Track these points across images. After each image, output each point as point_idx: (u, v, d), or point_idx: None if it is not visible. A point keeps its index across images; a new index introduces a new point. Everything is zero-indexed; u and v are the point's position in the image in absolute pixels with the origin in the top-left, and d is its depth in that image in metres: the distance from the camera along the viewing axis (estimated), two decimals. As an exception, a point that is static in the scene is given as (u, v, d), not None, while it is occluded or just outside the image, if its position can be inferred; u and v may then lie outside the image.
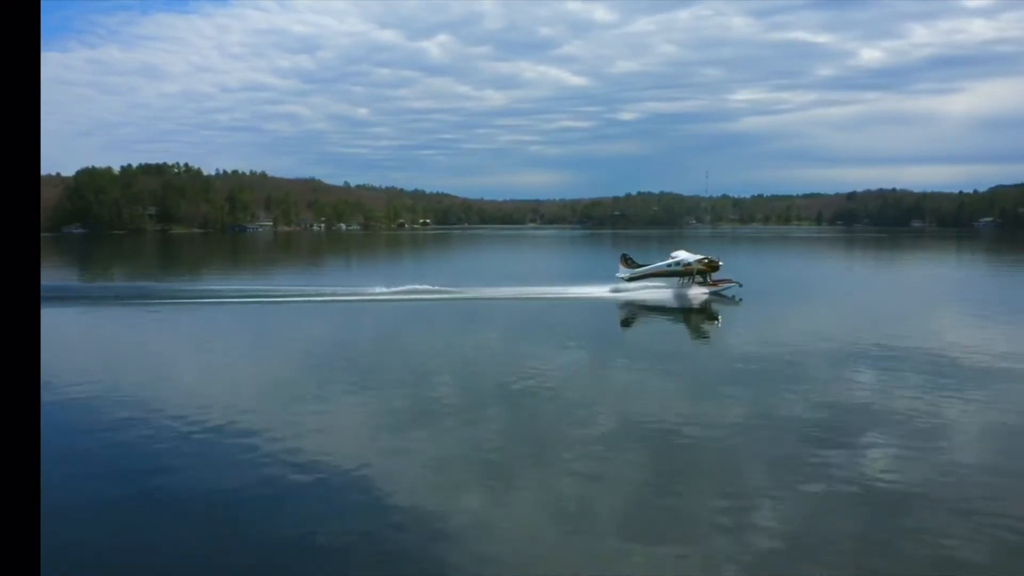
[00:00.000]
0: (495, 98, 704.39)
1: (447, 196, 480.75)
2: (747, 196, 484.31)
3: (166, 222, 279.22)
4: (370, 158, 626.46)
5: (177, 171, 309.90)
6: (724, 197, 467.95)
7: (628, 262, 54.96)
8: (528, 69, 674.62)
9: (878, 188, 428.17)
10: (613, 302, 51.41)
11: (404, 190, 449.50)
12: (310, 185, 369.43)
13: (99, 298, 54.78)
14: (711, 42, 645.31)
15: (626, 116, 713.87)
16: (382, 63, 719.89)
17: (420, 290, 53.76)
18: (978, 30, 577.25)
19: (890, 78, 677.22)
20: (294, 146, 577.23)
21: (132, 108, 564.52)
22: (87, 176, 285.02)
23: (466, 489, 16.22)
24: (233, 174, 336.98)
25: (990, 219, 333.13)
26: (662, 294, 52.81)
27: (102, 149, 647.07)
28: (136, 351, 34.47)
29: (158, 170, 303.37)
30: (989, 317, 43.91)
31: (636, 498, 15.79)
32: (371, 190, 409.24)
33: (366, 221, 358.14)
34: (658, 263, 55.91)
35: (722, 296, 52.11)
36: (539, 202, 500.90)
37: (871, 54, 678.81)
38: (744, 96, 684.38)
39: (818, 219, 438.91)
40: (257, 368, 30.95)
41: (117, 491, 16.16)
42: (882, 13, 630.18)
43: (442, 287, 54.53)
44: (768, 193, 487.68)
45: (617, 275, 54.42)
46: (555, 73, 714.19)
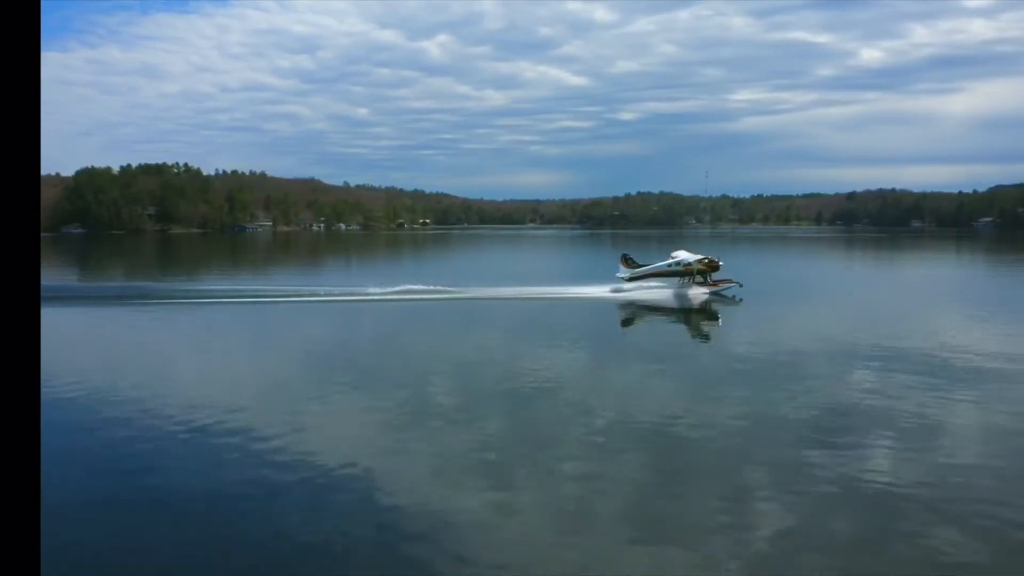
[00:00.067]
0: (495, 98, 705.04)
1: (447, 196, 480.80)
2: (747, 196, 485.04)
3: (165, 222, 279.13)
4: (370, 158, 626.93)
5: (176, 171, 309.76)
6: (724, 197, 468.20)
7: (628, 262, 54.99)
8: (528, 69, 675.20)
9: (878, 188, 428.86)
10: (613, 302, 51.40)
11: (404, 190, 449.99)
12: (310, 185, 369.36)
13: (98, 298, 54.72)
14: (711, 42, 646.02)
15: (626, 116, 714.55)
16: (382, 63, 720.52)
17: (415, 290, 53.59)
18: (978, 30, 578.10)
19: (890, 78, 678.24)
20: (294, 146, 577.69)
21: (132, 108, 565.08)
22: (86, 176, 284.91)
23: (466, 489, 16.22)
24: (233, 174, 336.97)
25: (989, 219, 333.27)
26: (662, 294, 52.80)
27: (102, 149, 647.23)
28: (135, 351, 34.45)
29: (157, 170, 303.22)
30: (988, 317, 43.94)
31: (636, 498, 15.78)
32: (371, 190, 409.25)
33: (365, 221, 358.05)
34: (658, 263, 55.89)
35: (722, 296, 52.12)
36: (539, 202, 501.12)
37: (871, 54, 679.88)
38: (744, 96, 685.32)
39: (818, 219, 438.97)
40: (256, 368, 30.95)
41: (117, 491, 16.15)
42: (882, 13, 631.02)
43: (435, 287, 54.37)
44: (768, 193, 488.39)
45: (617, 275, 54.42)
46: (555, 73, 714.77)
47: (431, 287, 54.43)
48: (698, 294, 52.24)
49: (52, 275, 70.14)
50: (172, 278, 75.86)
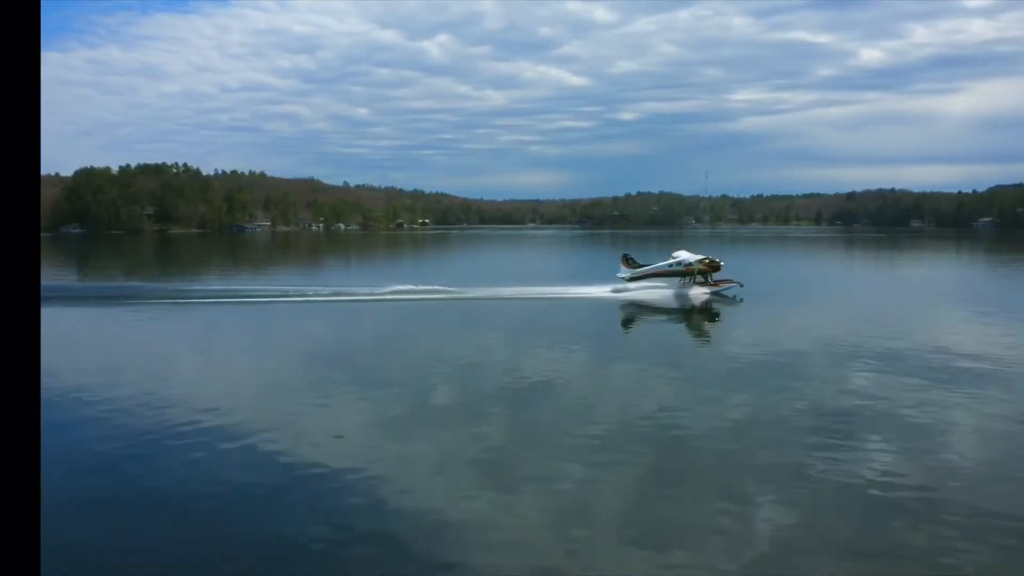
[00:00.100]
0: (495, 98, 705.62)
1: (446, 196, 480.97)
2: (747, 196, 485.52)
3: (164, 222, 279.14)
4: (370, 158, 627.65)
5: (176, 171, 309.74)
6: (724, 197, 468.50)
7: (629, 262, 55.02)
8: (528, 69, 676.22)
9: (877, 188, 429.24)
10: (614, 302, 51.38)
11: (403, 190, 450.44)
12: (309, 185, 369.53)
13: (97, 298, 54.70)
14: (711, 42, 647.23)
15: (626, 116, 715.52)
16: (382, 63, 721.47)
17: (415, 290, 53.53)
18: (978, 30, 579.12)
19: (890, 78, 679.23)
20: (294, 146, 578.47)
21: (132, 108, 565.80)
22: (85, 176, 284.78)
23: (465, 490, 16.20)
24: (232, 174, 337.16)
25: (989, 219, 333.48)
26: (663, 294, 52.82)
27: (102, 149, 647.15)
28: (134, 351, 34.42)
29: (157, 170, 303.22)
30: (988, 317, 43.94)
31: (636, 499, 15.78)
32: (370, 190, 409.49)
33: (365, 221, 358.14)
34: (659, 263, 55.89)
35: (723, 296, 52.15)
36: (539, 202, 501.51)
37: (871, 54, 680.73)
38: (744, 96, 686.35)
39: (817, 219, 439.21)
40: (256, 368, 30.94)
41: (117, 491, 16.15)
42: (882, 13, 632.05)
43: (435, 287, 54.32)
44: (768, 193, 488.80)
45: (618, 275, 54.45)
46: (555, 73, 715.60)
47: (431, 287, 54.37)
48: (699, 294, 52.25)
49: (51, 275, 70.13)
50: (171, 278, 75.80)
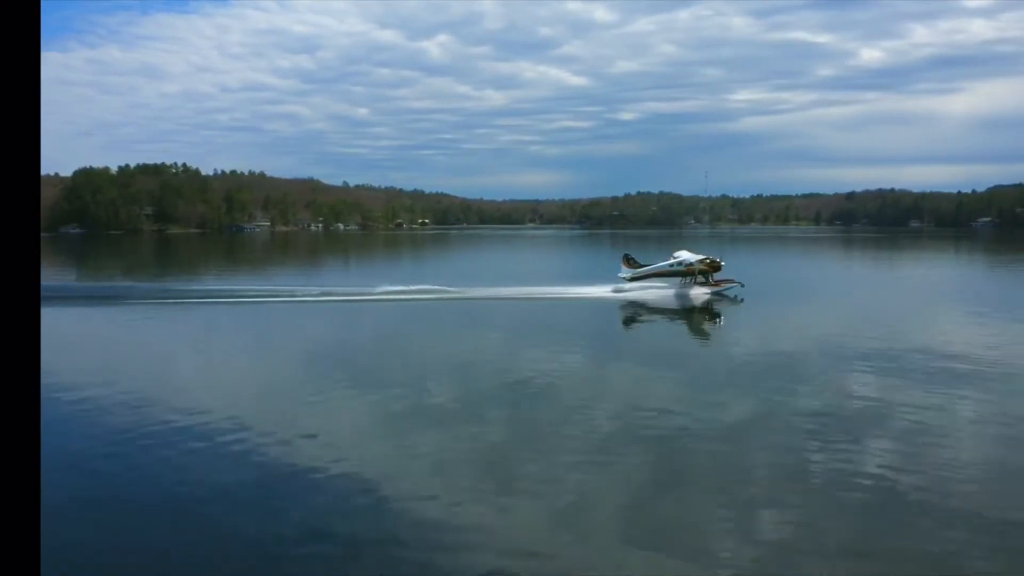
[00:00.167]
0: (495, 98, 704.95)
1: (446, 196, 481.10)
2: (746, 196, 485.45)
3: (163, 222, 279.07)
4: (370, 158, 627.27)
5: (175, 171, 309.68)
6: (723, 197, 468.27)
7: (630, 262, 55.05)
8: (528, 69, 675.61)
9: (877, 188, 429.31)
10: (615, 302, 51.40)
11: (403, 190, 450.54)
12: (309, 185, 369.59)
13: (97, 298, 54.65)
14: (711, 42, 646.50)
15: (626, 116, 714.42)
16: (382, 63, 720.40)
17: (415, 290, 53.45)
18: (978, 30, 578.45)
19: (890, 78, 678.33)
20: (294, 146, 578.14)
21: (132, 108, 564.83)
22: (84, 176, 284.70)
23: (465, 490, 16.19)
24: (231, 174, 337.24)
25: (988, 219, 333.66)
26: (664, 294, 52.84)
27: (102, 149, 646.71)
28: (134, 351, 34.40)
29: (156, 170, 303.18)
30: (987, 317, 43.98)
31: (636, 499, 15.78)
32: (370, 190, 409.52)
33: (364, 221, 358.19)
34: (660, 263, 55.87)
35: (724, 296, 52.19)
36: (538, 202, 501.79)
37: (871, 54, 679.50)
38: (744, 96, 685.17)
39: (816, 219, 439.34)
40: (256, 368, 30.94)
41: (117, 491, 16.13)
42: (882, 13, 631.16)
43: (435, 286, 54.29)
44: (767, 193, 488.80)
45: (619, 275, 54.50)
46: (555, 73, 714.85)
47: (431, 287, 54.34)
48: (700, 294, 52.28)
49: (50, 275, 70.10)
50: (169, 278, 75.77)
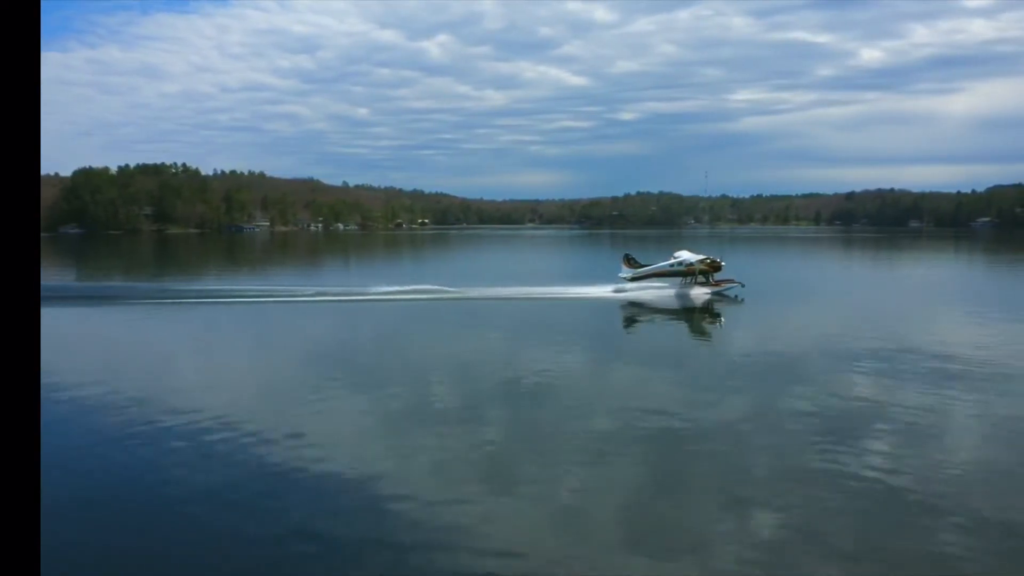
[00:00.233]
0: (495, 98, 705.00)
1: (446, 196, 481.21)
2: (746, 196, 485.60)
3: (162, 222, 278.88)
4: (370, 158, 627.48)
5: (174, 171, 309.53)
6: (723, 197, 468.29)
7: (631, 262, 55.09)
8: (528, 69, 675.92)
9: (877, 188, 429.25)
10: (615, 302, 51.42)
11: (403, 190, 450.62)
12: (308, 185, 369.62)
13: (96, 298, 54.63)
14: (711, 42, 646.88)
15: (626, 116, 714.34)
16: (382, 63, 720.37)
17: (414, 290, 53.43)
18: (978, 30, 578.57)
19: (890, 78, 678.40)
20: (294, 146, 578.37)
21: (132, 108, 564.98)
22: (83, 176, 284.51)
23: (465, 490, 16.19)
24: (231, 174, 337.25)
25: (987, 219, 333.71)
26: (664, 294, 52.87)
27: (102, 149, 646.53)
28: (134, 351, 34.39)
29: (155, 170, 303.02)
30: (986, 317, 44.01)
31: (636, 500, 15.78)
32: (370, 190, 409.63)
33: (363, 221, 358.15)
34: (660, 263, 55.90)
35: (724, 296, 52.21)
36: (538, 202, 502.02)
37: (871, 54, 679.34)
38: (744, 96, 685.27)
39: (816, 219, 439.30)
40: (256, 368, 30.93)
41: (116, 491, 16.14)
42: (882, 13, 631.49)
43: (435, 286, 54.30)
44: (767, 193, 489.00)
45: (620, 275, 54.53)
46: (555, 73, 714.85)
47: (431, 287, 54.30)
48: (700, 294, 52.32)
49: (50, 275, 70.06)
50: (169, 278, 75.75)
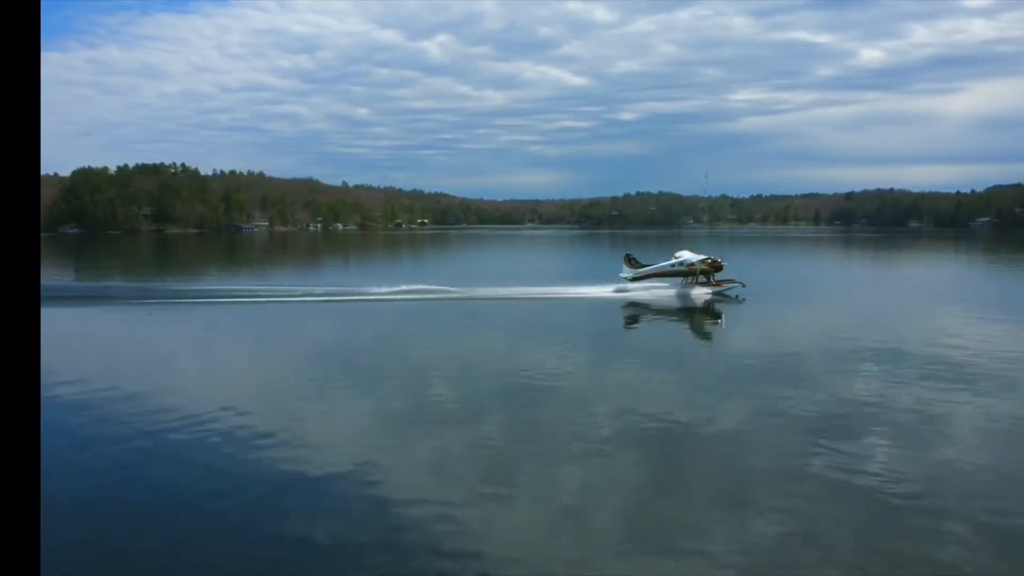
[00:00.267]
0: (495, 98, 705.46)
1: (445, 196, 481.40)
2: (746, 196, 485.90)
3: (161, 222, 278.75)
4: (370, 158, 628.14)
5: (173, 171, 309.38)
6: (723, 197, 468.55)
7: (632, 262, 55.08)
8: (528, 69, 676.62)
9: (876, 188, 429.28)
10: (616, 302, 51.41)
11: (403, 190, 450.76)
12: (308, 185, 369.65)
13: (95, 298, 54.60)
14: (711, 42, 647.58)
15: (626, 116, 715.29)
16: (382, 63, 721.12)
17: (415, 290, 53.39)
18: (978, 30, 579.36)
19: (890, 78, 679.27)
20: (294, 146, 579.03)
21: (132, 108, 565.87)
22: (82, 176, 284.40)
23: (465, 490, 16.18)
24: (230, 174, 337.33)
25: (987, 219, 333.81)
26: (665, 294, 52.89)
27: (102, 149, 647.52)
28: (133, 351, 34.37)
29: (154, 170, 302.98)
30: (985, 318, 44.04)
31: (636, 500, 15.79)
32: (369, 190, 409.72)
33: (363, 221, 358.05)
34: (661, 263, 55.89)
35: (725, 296, 52.24)
36: (538, 202, 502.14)
37: (871, 54, 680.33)
38: (744, 96, 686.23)
39: (816, 219, 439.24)
40: (256, 367, 30.92)
41: (116, 491, 16.13)
42: (882, 13, 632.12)
43: (436, 286, 54.29)
44: (767, 193, 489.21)
45: (620, 275, 54.54)
46: (555, 73, 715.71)
47: (431, 287, 54.21)
48: (701, 294, 52.32)
49: (49, 275, 70.03)
50: (168, 278, 75.73)
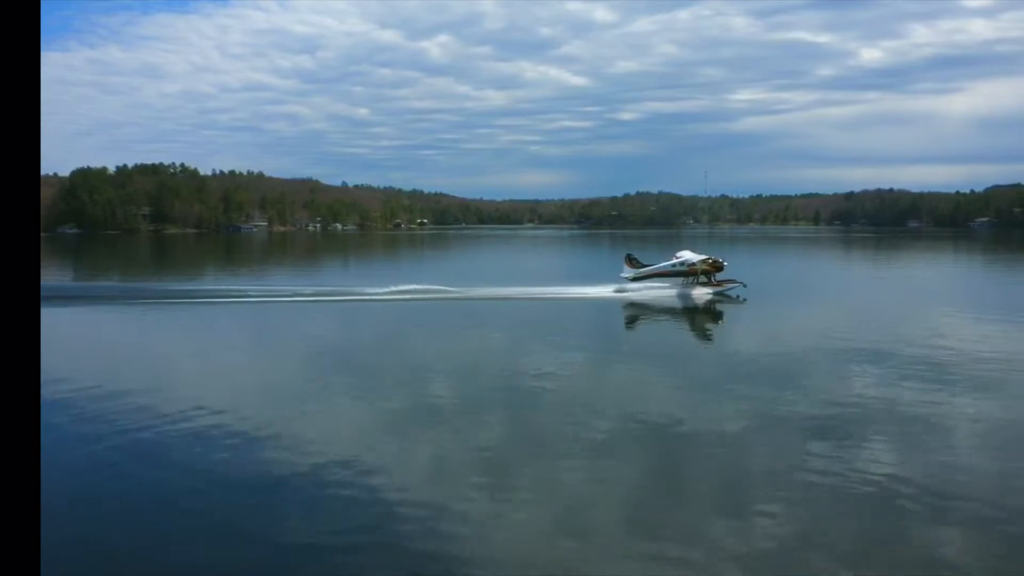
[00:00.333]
0: (495, 98, 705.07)
1: (445, 196, 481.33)
2: (746, 196, 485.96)
3: (160, 222, 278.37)
4: (370, 158, 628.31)
5: (172, 171, 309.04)
6: (723, 197, 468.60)
7: (632, 262, 55.08)
8: (528, 69, 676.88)
9: (876, 188, 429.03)
10: (617, 302, 51.42)
11: (402, 190, 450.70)
12: (307, 185, 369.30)
13: (94, 297, 54.59)
14: (711, 42, 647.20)
15: (626, 116, 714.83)
16: (383, 63, 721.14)
17: (415, 290, 53.38)
18: (978, 30, 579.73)
19: (890, 78, 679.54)
20: (294, 146, 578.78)
21: (133, 108, 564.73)
22: (81, 176, 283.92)
23: (466, 490, 16.19)
24: (230, 174, 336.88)
25: (986, 219, 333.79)
26: (666, 294, 52.90)
27: (102, 149, 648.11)
28: (133, 351, 34.35)
29: (154, 170, 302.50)
30: (985, 318, 44.07)
31: (637, 500, 15.80)
32: (369, 190, 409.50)
33: (362, 221, 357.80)
34: (662, 263, 55.90)
35: (726, 296, 52.25)
36: (538, 202, 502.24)
37: (871, 54, 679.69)
38: (744, 96, 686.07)
39: (815, 219, 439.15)
40: (256, 367, 30.90)
41: (116, 491, 16.14)
42: (882, 13, 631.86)
43: (437, 286, 54.28)
44: (767, 193, 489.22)
45: (621, 275, 54.54)
46: (555, 73, 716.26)
47: (431, 287, 54.16)
48: (702, 294, 52.33)
49: (48, 275, 70.01)
50: (167, 278, 75.70)
